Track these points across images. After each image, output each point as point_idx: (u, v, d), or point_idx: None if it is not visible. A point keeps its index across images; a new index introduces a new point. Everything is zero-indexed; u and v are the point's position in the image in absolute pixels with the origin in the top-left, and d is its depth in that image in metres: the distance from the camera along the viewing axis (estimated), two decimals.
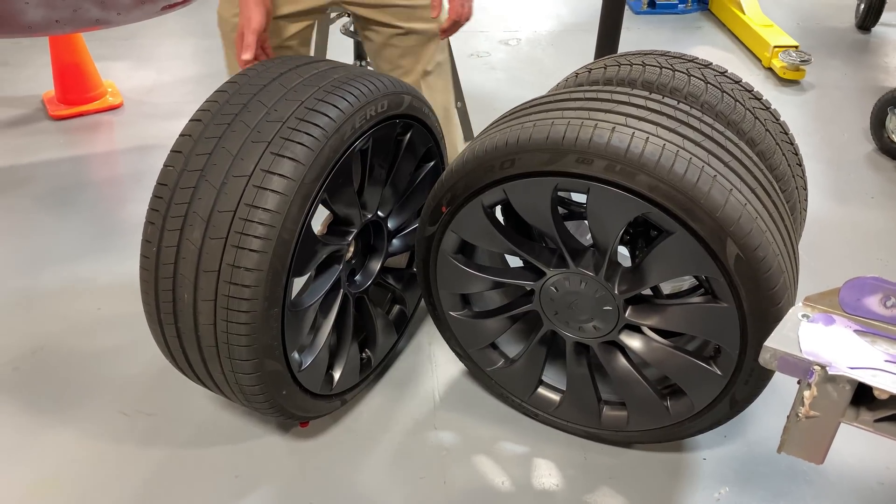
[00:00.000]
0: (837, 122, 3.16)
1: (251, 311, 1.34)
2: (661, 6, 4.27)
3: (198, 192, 1.34)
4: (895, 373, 0.89)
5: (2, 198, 2.61)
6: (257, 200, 1.31)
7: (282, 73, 1.49)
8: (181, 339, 1.43)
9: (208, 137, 1.38)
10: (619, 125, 1.34)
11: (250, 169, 1.33)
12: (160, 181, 1.39)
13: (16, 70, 3.48)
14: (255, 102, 1.41)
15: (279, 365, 1.46)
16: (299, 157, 1.34)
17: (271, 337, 1.40)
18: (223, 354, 1.39)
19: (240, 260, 1.31)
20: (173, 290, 1.37)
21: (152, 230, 1.38)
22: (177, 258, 1.35)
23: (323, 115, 1.38)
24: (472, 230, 1.55)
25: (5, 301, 2.15)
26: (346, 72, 1.52)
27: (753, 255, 1.30)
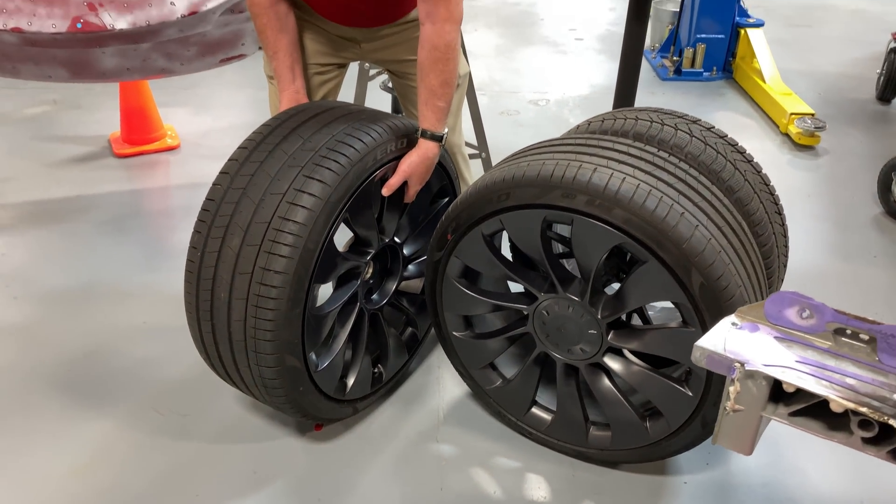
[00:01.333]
0: (848, 186, 3.29)
1: (277, 309, 1.55)
2: (687, 74, 4.49)
3: (239, 207, 1.57)
4: (802, 371, 1.05)
5: (67, 223, 2.90)
6: (289, 214, 1.54)
7: (318, 112, 1.74)
8: (215, 333, 1.64)
9: (252, 161, 1.62)
10: (600, 166, 1.53)
11: (285, 188, 1.56)
12: (209, 197, 1.63)
13: (88, 113, 3.85)
14: (294, 135, 1.66)
15: (298, 362, 1.65)
16: (326, 179, 1.56)
17: (292, 334, 1.61)
18: (250, 348, 1.60)
19: (270, 264, 1.53)
20: (212, 289, 1.59)
21: (198, 238, 1.61)
22: (217, 262, 1.58)
23: (349, 147, 1.61)
24: (474, 256, 1.75)
25: (64, 311, 2.41)
26: (372, 113, 1.76)
27: (716, 284, 1.46)
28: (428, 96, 1.77)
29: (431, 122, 1.78)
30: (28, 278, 2.57)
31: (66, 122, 3.75)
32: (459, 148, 2.22)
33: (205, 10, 2.52)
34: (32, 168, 3.29)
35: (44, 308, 2.42)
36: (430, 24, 1.71)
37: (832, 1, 6.24)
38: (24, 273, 2.60)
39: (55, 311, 2.41)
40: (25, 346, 2.25)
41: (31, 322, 2.36)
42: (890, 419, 0.97)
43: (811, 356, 1.08)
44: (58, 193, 3.10)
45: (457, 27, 1.73)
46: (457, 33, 1.74)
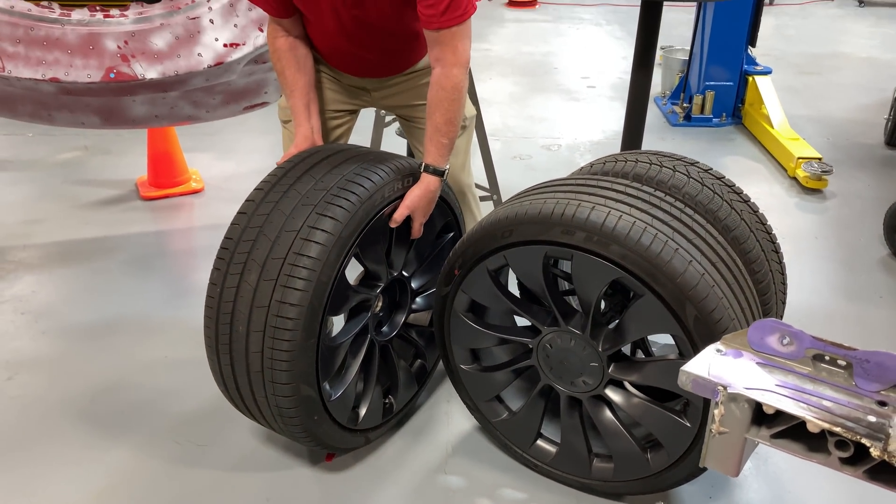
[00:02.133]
0: (855, 228, 3.34)
1: (292, 339, 1.63)
2: (697, 120, 4.59)
3: (256, 244, 1.67)
4: (782, 394, 1.11)
5: (94, 262, 3.02)
6: (303, 250, 1.63)
7: (329, 155, 1.85)
8: (233, 365, 1.72)
9: (267, 202, 1.73)
10: (598, 205, 1.62)
11: (299, 225, 1.66)
12: (227, 236, 1.73)
13: (116, 158, 4.02)
14: (307, 176, 1.76)
15: (312, 391, 1.73)
16: (338, 216, 1.66)
17: (308, 364, 1.69)
18: (267, 378, 1.68)
19: (286, 297, 1.62)
20: (231, 323, 1.68)
21: (217, 274, 1.71)
22: (236, 296, 1.67)
23: (358, 185, 1.72)
24: (480, 291, 1.83)
25: (90, 345, 2.51)
26: (378, 155, 1.87)
27: (710, 317, 1.53)
28: (433, 133, 1.88)
29: (434, 157, 1.89)
30: (56, 314, 2.68)
31: (95, 167, 3.91)
32: (470, 188, 2.32)
33: (230, 60, 2.67)
34: (63, 210, 3.44)
35: (70, 342, 2.52)
36: (440, 67, 1.84)
37: (841, 49, 6.36)
38: (52, 309, 2.71)
39: (81, 346, 2.51)
40: (53, 378, 2.35)
41: (59, 355, 2.46)
42: (863, 438, 1.02)
43: (791, 380, 1.13)
44: (86, 234, 3.24)
45: (463, 71, 1.85)
46: (463, 76, 1.85)
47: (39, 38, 2.51)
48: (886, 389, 1.10)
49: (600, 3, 7.84)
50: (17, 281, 2.88)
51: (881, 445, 1.01)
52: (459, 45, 1.82)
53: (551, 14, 7.58)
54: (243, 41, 2.68)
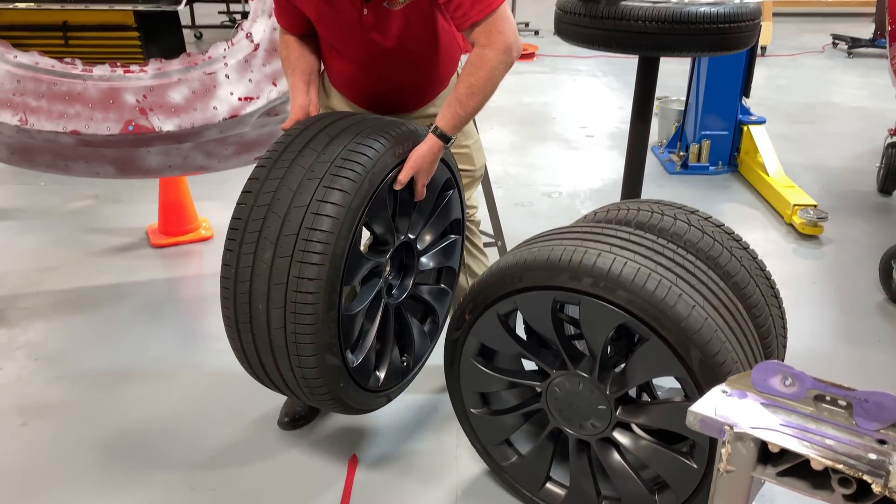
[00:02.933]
0: (852, 274, 3.41)
1: (314, 313, 1.67)
2: (694, 168, 4.70)
3: (267, 222, 1.69)
4: (786, 433, 1.16)
5: (106, 308, 3.08)
6: (315, 224, 1.66)
7: (326, 125, 1.87)
8: (256, 343, 1.76)
9: (272, 178, 1.75)
10: (604, 251, 1.69)
11: (308, 200, 1.69)
12: (235, 216, 1.75)
13: (127, 206, 4.10)
14: (308, 150, 1.78)
15: (337, 360, 1.77)
16: (346, 188, 1.69)
17: (330, 335, 1.73)
18: (291, 352, 1.71)
19: (303, 272, 1.65)
20: (249, 302, 1.71)
21: (230, 255, 1.73)
22: (252, 276, 1.70)
23: (362, 154, 1.75)
24: (490, 335, 1.88)
25: (103, 390, 2.55)
26: (376, 122, 1.89)
27: (714, 360, 1.58)
28: (453, 100, 1.92)
29: (447, 122, 1.92)
30: (69, 360, 2.72)
31: (106, 215, 3.99)
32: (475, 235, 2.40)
33: (244, 113, 2.77)
34: (75, 258, 3.51)
35: (83, 388, 2.56)
36: (476, 47, 1.90)
37: (833, 99, 6.52)
38: (65, 355, 2.75)
39: (94, 391, 2.55)
40: (66, 424, 2.38)
41: (72, 401, 2.49)
42: (865, 475, 1.07)
43: (794, 420, 1.19)
44: (98, 281, 3.30)
45: (496, 52, 1.87)
46: (495, 58, 1.87)
47: (62, 92, 2.61)
48: (885, 428, 1.15)
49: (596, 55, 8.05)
50: (30, 327, 2.93)
51: (882, 482, 1.06)
52: (494, 30, 1.87)
53: (549, 66, 7.78)
54: (257, 95, 2.79)
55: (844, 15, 10.61)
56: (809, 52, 8.50)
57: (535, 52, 8.20)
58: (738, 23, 2.68)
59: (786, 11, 10.61)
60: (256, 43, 2.77)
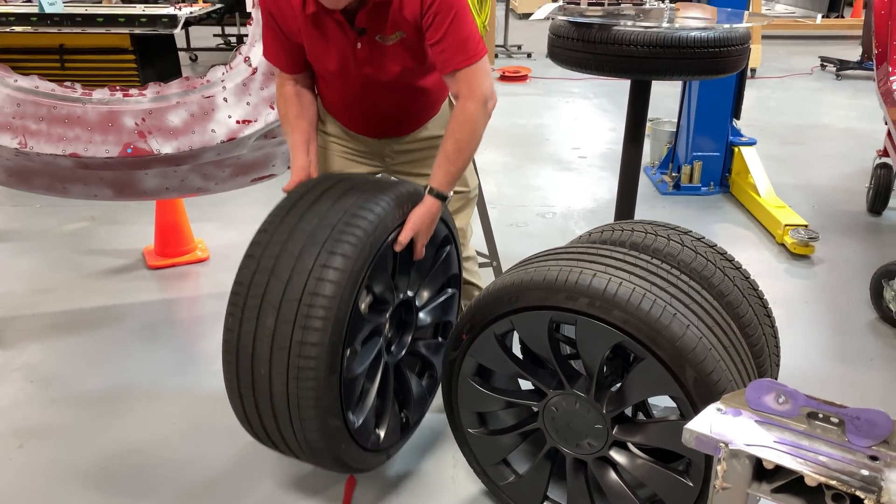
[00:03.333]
0: (843, 293, 3.45)
1: (316, 378, 1.68)
2: (686, 188, 4.75)
3: (269, 287, 1.71)
4: (780, 450, 1.18)
5: (102, 330, 3.08)
6: (318, 289, 1.68)
7: (327, 188, 1.90)
8: (258, 406, 1.77)
9: (274, 243, 1.77)
10: (599, 272, 1.71)
11: (310, 265, 1.70)
12: (237, 280, 1.77)
13: (123, 228, 4.12)
14: (310, 214, 1.81)
15: (339, 422, 1.78)
16: (347, 253, 1.72)
17: (333, 399, 1.74)
18: (294, 416, 1.72)
19: (306, 337, 1.67)
20: (252, 366, 1.73)
21: (232, 320, 1.74)
22: (254, 340, 1.71)
23: (363, 219, 1.77)
24: (487, 355, 1.90)
25: (99, 413, 2.55)
26: (376, 184, 1.93)
27: (709, 379, 1.61)
28: (443, 160, 1.99)
29: (440, 182, 1.98)
30: (65, 382, 2.72)
31: (103, 237, 4.01)
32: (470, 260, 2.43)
33: (242, 136, 2.80)
34: (71, 280, 3.51)
35: (80, 410, 2.56)
36: (458, 101, 1.98)
37: (822, 121, 6.61)
38: (61, 377, 2.75)
39: (91, 413, 2.55)
40: (63, 446, 2.38)
41: (69, 423, 2.49)
42: (857, 491, 1.09)
43: (788, 437, 1.21)
44: (94, 303, 3.30)
45: (479, 106, 1.96)
46: (477, 110, 1.96)
47: (61, 115, 2.63)
48: (877, 445, 1.17)
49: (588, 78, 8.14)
50: (27, 349, 2.93)
51: (875, 497, 1.08)
52: (474, 81, 1.95)
53: (542, 88, 7.86)
54: (255, 118, 2.82)
55: (832, 37, 10.77)
56: (798, 74, 8.62)
57: (528, 74, 8.29)
58: (728, 47, 2.73)
59: (775, 34, 10.77)
60: (254, 67, 2.81)
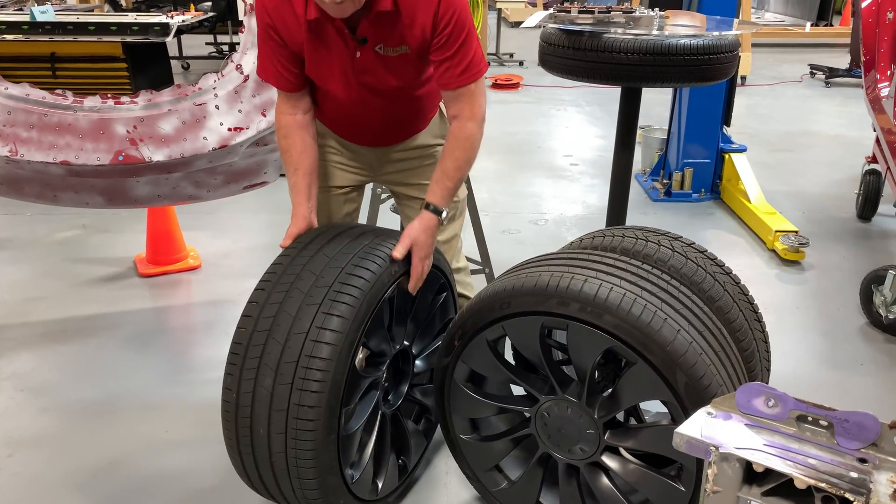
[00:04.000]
0: (834, 299, 3.47)
1: (314, 439, 1.69)
2: (677, 195, 4.78)
3: (267, 348, 1.72)
4: (770, 453, 1.18)
5: (93, 339, 3.07)
6: (315, 352, 1.69)
7: (323, 245, 1.90)
8: (257, 464, 1.78)
9: (271, 303, 1.77)
10: (590, 277, 1.72)
11: (307, 327, 1.71)
12: (235, 340, 1.77)
13: (114, 236, 4.11)
14: (306, 272, 1.81)
15: (337, 479, 1.79)
16: (344, 314, 1.72)
17: (331, 458, 1.75)
18: (293, 475, 1.73)
19: (303, 400, 1.67)
20: (251, 426, 1.73)
21: (231, 379, 1.75)
22: (253, 401, 1.72)
23: (359, 278, 1.78)
24: (479, 361, 1.90)
25: (90, 422, 2.53)
26: (372, 237, 1.93)
27: (699, 383, 1.61)
28: (440, 176, 2.01)
29: (437, 198, 2.01)
30: (56, 391, 2.71)
31: (94, 245, 3.99)
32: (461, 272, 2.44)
33: (234, 143, 2.80)
34: (62, 288, 3.50)
35: (71, 419, 2.55)
36: (457, 121, 2.00)
37: (813, 128, 6.66)
38: (52, 386, 2.74)
39: (82, 423, 2.53)
40: (54, 456, 2.37)
41: (60, 432, 2.48)
42: (847, 493, 1.10)
43: (778, 440, 1.21)
44: (86, 311, 3.29)
45: (477, 124, 2.00)
46: (476, 129, 2.01)
47: (52, 123, 2.63)
48: (866, 447, 1.18)
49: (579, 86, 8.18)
50: (17, 358, 2.92)
51: (863, 500, 1.09)
52: (475, 100, 1.99)
53: (534, 96, 7.89)
54: (247, 125, 2.82)
55: (821, 45, 10.85)
56: (788, 81, 8.68)
57: (519, 82, 8.32)
58: (717, 54, 2.75)
59: (764, 42, 10.84)
60: (246, 74, 2.81)
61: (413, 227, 1.97)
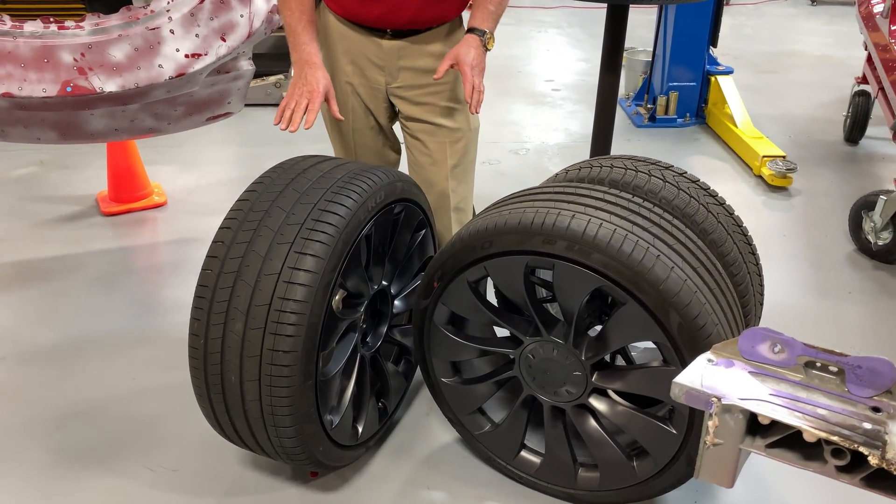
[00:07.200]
0: (822, 226, 3.39)
1: (291, 385, 1.58)
2: (661, 121, 4.63)
3: (235, 291, 1.59)
4: (776, 403, 1.09)
5: (56, 282, 2.92)
6: (288, 293, 1.56)
7: (292, 178, 1.75)
8: (230, 413, 1.67)
9: (239, 242, 1.63)
10: (578, 213, 1.60)
11: (279, 267, 1.58)
12: (201, 283, 1.63)
13: (75, 172, 3.90)
14: (275, 208, 1.66)
15: (316, 426, 1.69)
16: (319, 252, 1.59)
17: (308, 405, 1.64)
18: (269, 423, 1.63)
19: (278, 345, 1.56)
20: (221, 374, 1.62)
21: (198, 325, 1.62)
22: (223, 347, 1.60)
23: (334, 215, 1.64)
24: (460, 303, 1.79)
25: (54, 369, 2.41)
26: (346, 171, 1.78)
27: (693, 323, 1.51)
28: (481, 3, 2.02)
29: (479, 20, 2.00)
30: (17, 338, 2.58)
31: (53, 183, 3.79)
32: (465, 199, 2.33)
33: (192, 71, 2.60)
34: (20, 229, 3.32)
35: (33, 367, 2.43)
36: None
37: (797, 48, 6.48)
38: (12, 333, 2.61)
39: (45, 370, 2.41)
40: (16, 406, 2.25)
41: (21, 381, 2.36)
42: (860, 447, 1.01)
43: (784, 389, 1.12)
44: (46, 253, 3.13)
45: None
46: None
47: None
48: (879, 395, 1.09)
49: (560, 6, 7.88)
50: None
51: (879, 453, 1.00)
52: None
53: (513, 17, 7.59)
54: (205, 51, 2.61)
55: None
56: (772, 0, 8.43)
57: None
58: None
59: None
60: None
61: (458, 49, 1.96)
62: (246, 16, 2.68)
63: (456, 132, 2.22)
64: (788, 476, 1.96)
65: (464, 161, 2.28)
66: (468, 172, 2.34)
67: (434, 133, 2.21)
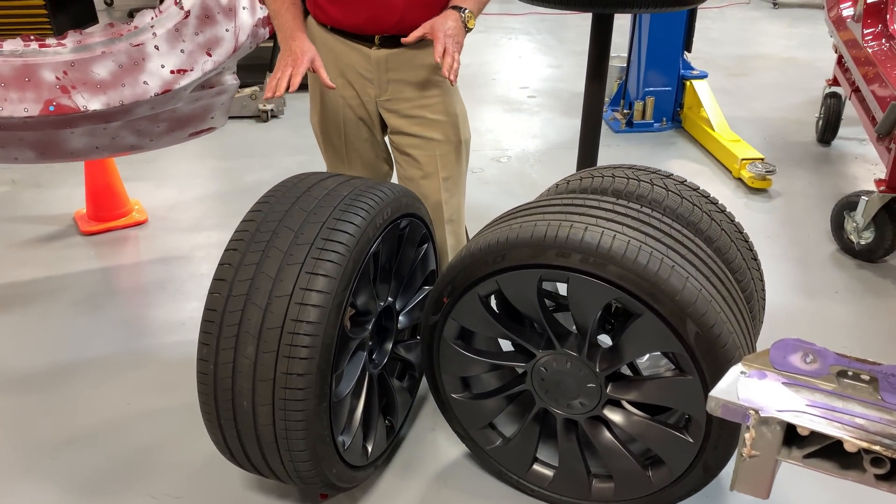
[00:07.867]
0: (803, 226, 3.45)
1: (305, 409, 1.55)
2: (639, 125, 4.67)
3: (246, 314, 1.55)
4: (814, 414, 1.10)
5: (39, 305, 2.84)
6: (301, 315, 1.53)
7: (298, 196, 1.72)
8: (241, 438, 1.63)
9: (247, 264, 1.59)
10: (590, 225, 1.60)
11: (290, 289, 1.55)
12: (209, 307, 1.59)
13: (49, 191, 3.80)
14: (283, 228, 1.63)
15: (329, 449, 1.66)
16: (330, 272, 1.56)
17: (322, 427, 1.61)
18: (282, 448, 1.60)
19: (292, 368, 1.52)
20: (232, 399, 1.58)
21: (207, 350, 1.58)
22: (234, 372, 1.56)
23: (343, 233, 1.61)
24: (470, 317, 1.78)
25: (44, 397, 2.34)
26: (352, 188, 1.76)
27: (710, 332, 1.52)
28: None
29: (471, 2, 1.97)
30: (1, 365, 2.49)
31: (27, 202, 3.69)
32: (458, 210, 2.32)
33: (178, 87, 2.55)
34: None
35: (23, 395, 2.35)
36: None
37: (763, 51, 6.60)
38: None
39: (33, 398, 2.34)
40: (8, 436, 2.18)
41: (10, 410, 2.28)
42: None
43: (819, 399, 1.13)
44: (26, 276, 3.04)
45: None
46: None
47: None
48: None
49: (527, 13, 7.92)
50: None
51: None
52: None
53: (482, 24, 7.61)
54: (191, 67, 2.56)
55: None
56: (736, 3, 8.58)
57: None
58: None
59: None
60: (187, 10, 2.54)
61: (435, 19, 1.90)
62: (231, 30, 2.64)
63: (446, 144, 2.20)
64: (790, 476, 1.98)
65: (456, 173, 2.27)
66: (460, 184, 2.32)
67: (423, 147, 2.18)
